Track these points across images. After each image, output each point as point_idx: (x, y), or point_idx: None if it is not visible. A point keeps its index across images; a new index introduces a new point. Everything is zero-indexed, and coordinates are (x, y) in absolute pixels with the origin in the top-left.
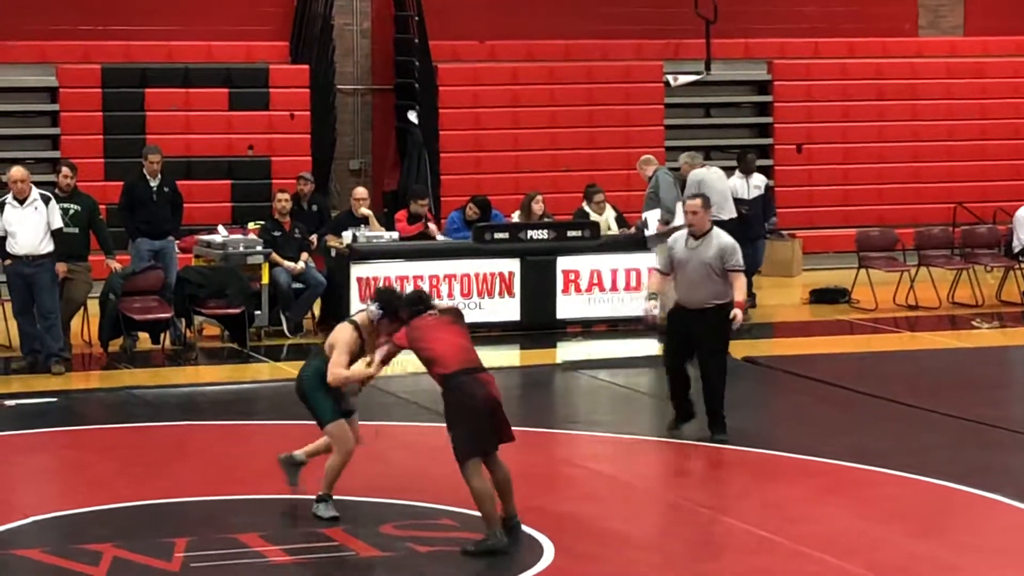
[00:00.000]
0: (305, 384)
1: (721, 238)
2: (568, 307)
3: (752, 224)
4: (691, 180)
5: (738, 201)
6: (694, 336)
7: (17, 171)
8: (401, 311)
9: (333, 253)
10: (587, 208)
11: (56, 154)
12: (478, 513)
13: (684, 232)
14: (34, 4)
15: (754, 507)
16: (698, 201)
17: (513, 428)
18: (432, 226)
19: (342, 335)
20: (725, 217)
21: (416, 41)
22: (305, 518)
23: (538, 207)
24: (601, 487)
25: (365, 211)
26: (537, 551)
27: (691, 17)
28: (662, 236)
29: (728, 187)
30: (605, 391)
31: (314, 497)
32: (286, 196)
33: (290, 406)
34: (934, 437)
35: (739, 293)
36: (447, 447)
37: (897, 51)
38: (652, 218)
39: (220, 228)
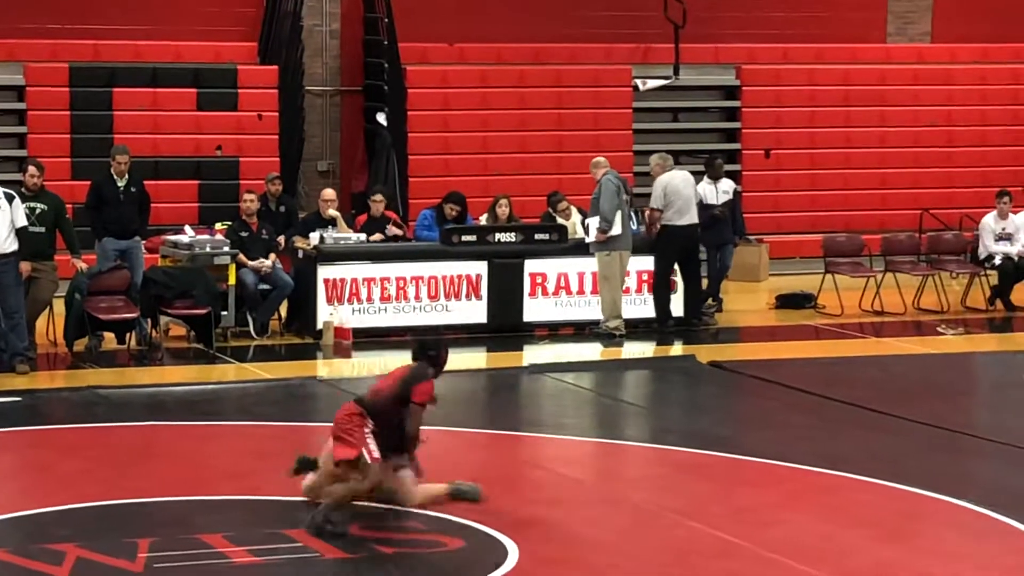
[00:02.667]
0: None
1: None
2: (535, 310)
3: (721, 229)
4: (656, 185)
5: (706, 206)
6: None
7: None
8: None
9: (300, 254)
10: (553, 214)
11: (23, 153)
12: (444, 515)
13: None
14: (2, 2)
15: (721, 512)
16: None
17: (478, 431)
18: (396, 230)
19: None
20: (684, 223)
21: (385, 43)
22: (270, 519)
23: (502, 211)
24: (567, 490)
25: (333, 212)
26: (501, 554)
27: (660, 21)
28: (602, 244)
29: (692, 193)
30: (571, 394)
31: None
32: (252, 197)
33: (255, 407)
34: (900, 443)
35: None
36: None
37: (865, 57)
38: (592, 225)
39: (187, 228)
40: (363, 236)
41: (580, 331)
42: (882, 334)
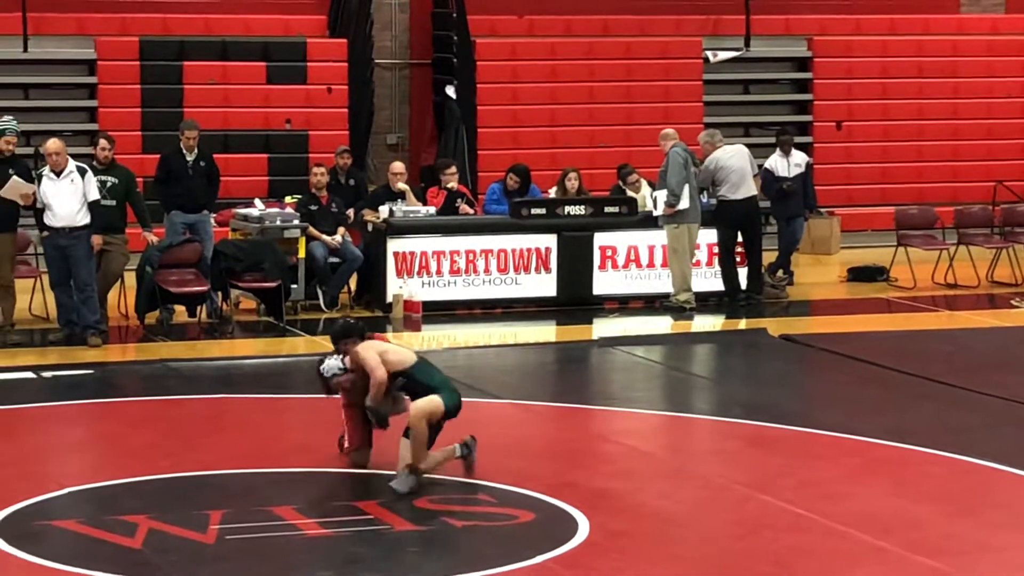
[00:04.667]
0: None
1: None
2: (605, 283)
3: (791, 202)
4: (706, 165)
5: (778, 179)
6: None
7: (53, 143)
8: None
9: (370, 227)
10: (623, 187)
11: (94, 126)
12: (515, 488)
13: None
14: None
15: (791, 485)
16: None
17: (548, 404)
18: (468, 209)
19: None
20: (740, 197)
21: (454, 15)
22: (341, 492)
23: (571, 184)
24: (636, 463)
25: (402, 186)
26: (572, 527)
27: None
28: (670, 217)
29: (747, 165)
30: (642, 368)
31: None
32: (322, 170)
33: None
34: (972, 416)
35: None
36: (484, 422)
37: (938, 28)
38: (660, 198)
39: (257, 202)
40: (432, 209)
41: (650, 304)
42: (955, 307)
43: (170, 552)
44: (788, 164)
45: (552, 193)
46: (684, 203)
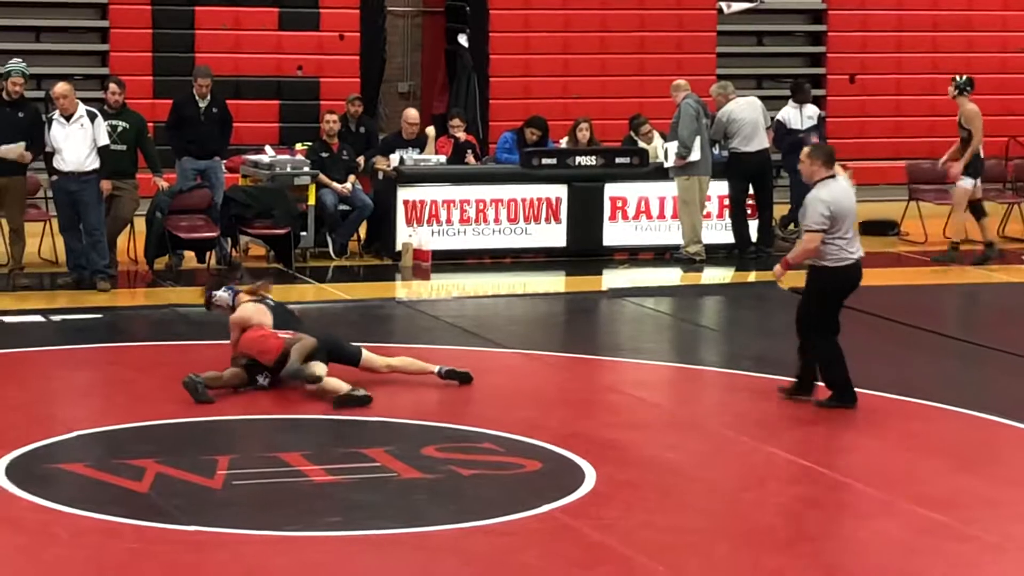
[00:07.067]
0: None
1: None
2: (615, 234)
3: None
4: (718, 117)
5: (790, 131)
6: None
7: (60, 87)
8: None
9: (380, 175)
10: (635, 138)
11: (105, 71)
12: (522, 437)
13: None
14: None
15: (798, 438)
16: (804, 150)
17: (557, 354)
18: (472, 159)
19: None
20: (752, 149)
21: None
22: (348, 438)
23: (583, 135)
24: (644, 414)
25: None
26: (579, 476)
27: None
28: (681, 169)
29: (759, 117)
30: (650, 319)
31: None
32: (334, 117)
33: (333, 327)
34: (981, 371)
35: (793, 251)
36: (492, 371)
37: None
38: (671, 149)
39: (267, 148)
40: (443, 158)
41: (660, 256)
42: (965, 262)
43: (177, 496)
44: (801, 116)
45: (563, 143)
46: (695, 155)
